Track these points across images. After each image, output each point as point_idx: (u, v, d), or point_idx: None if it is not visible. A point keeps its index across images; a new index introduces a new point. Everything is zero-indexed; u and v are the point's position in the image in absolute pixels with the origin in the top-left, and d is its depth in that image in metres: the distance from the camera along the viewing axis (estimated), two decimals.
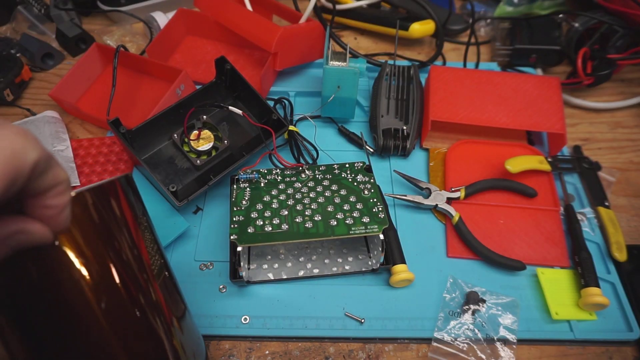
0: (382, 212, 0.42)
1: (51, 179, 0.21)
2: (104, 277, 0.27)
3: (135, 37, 0.69)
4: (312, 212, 0.42)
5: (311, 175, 0.46)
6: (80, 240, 0.25)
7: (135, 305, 0.28)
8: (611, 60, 0.59)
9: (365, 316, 0.42)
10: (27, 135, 0.19)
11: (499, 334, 0.41)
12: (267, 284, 0.44)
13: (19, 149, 0.18)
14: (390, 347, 0.41)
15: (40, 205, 0.21)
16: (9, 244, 0.21)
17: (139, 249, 0.29)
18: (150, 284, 0.30)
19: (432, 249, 0.47)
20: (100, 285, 0.26)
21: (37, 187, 0.20)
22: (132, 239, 0.29)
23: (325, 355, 0.41)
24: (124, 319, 0.28)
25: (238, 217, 0.42)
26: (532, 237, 0.47)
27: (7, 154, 0.18)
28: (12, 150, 0.18)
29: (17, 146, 0.18)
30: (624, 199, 0.52)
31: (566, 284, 0.44)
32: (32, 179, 0.19)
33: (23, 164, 0.18)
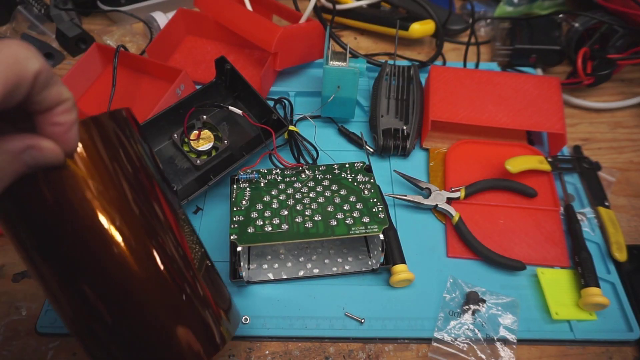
0: (382, 212, 0.42)
1: (55, 95, 0.22)
2: (116, 197, 0.27)
3: (135, 37, 0.69)
4: (312, 212, 0.42)
5: (311, 175, 0.46)
6: (90, 162, 0.26)
7: (146, 221, 0.28)
8: (611, 60, 0.59)
9: (365, 316, 0.42)
10: (30, 47, 0.20)
11: (499, 334, 0.41)
12: (267, 284, 0.44)
13: (22, 56, 0.20)
14: (390, 347, 0.41)
15: (48, 123, 0.23)
16: (24, 160, 0.23)
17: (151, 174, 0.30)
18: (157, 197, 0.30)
19: (432, 249, 0.47)
20: (112, 204, 0.27)
21: (42, 101, 0.21)
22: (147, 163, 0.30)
23: (325, 355, 0.41)
24: (135, 237, 0.28)
25: (238, 217, 0.42)
26: (532, 237, 0.47)
27: (10, 60, 0.19)
28: (15, 57, 0.19)
29: (20, 54, 0.20)
30: (624, 199, 0.52)
31: (566, 284, 0.44)
32: (36, 90, 0.21)
33: (25, 70, 0.20)
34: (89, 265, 0.27)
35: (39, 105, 0.22)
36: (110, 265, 0.27)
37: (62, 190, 0.25)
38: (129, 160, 0.28)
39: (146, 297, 0.28)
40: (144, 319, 0.28)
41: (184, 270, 0.30)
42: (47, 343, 0.41)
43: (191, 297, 0.30)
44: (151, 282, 0.28)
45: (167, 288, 0.29)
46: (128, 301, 0.28)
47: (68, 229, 0.26)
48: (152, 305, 0.28)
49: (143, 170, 0.29)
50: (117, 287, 0.27)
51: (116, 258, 0.27)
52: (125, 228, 0.27)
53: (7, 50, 0.19)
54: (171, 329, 0.29)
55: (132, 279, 0.28)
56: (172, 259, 0.29)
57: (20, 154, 0.22)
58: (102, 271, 0.27)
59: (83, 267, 0.27)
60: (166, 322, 0.29)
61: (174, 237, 0.30)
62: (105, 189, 0.27)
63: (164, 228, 0.30)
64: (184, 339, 0.29)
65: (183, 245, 0.31)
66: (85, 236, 0.26)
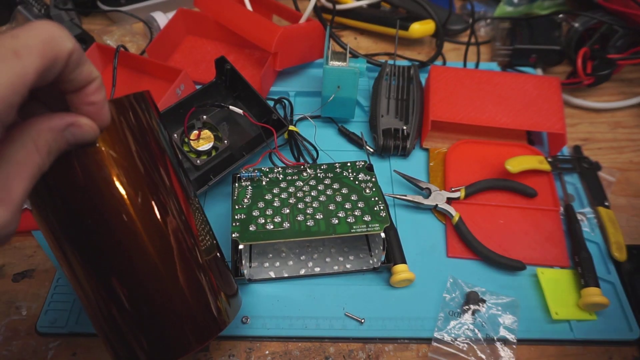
0: (383, 210, 0.42)
1: (87, 73, 0.23)
2: (137, 174, 0.29)
3: (135, 37, 0.69)
4: (313, 211, 0.43)
5: (312, 173, 0.47)
6: (116, 140, 0.28)
7: (163, 197, 0.30)
8: (611, 60, 0.59)
9: (365, 316, 0.42)
10: (63, 28, 0.21)
11: (499, 334, 0.41)
12: (267, 283, 0.44)
13: (57, 35, 0.21)
14: (390, 347, 0.41)
15: (83, 102, 0.24)
16: (66, 137, 0.24)
17: (169, 155, 0.32)
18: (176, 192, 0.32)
19: (432, 249, 0.47)
20: (135, 181, 0.29)
21: (75, 80, 0.23)
22: (164, 145, 0.31)
23: (325, 355, 0.41)
24: (151, 212, 0.29)
25: (240, 215, 0.42)
26: (532, 237, 0.47)
27: (47, 37, 0.20)
28: (52, 35, 0.21)
29: (55, 33, 0.21)
30: (624, 199, 0.52)
31: (566, 284, 0.44)
32: (69, 68, 0.22)
33: (61, 49, 0.21)
34: (108, 237, 0.28)
35: (71, 83, 0.23)
36: (125, 234, 0.29)
37: (91, 167, 0.27)
38: (150, 140, 0.30)
39: (153, 270, 0.30)
40: (150, 290, 0.30)
41: (192, 249, 0.32)
42: (47, 343, 0.41)
43: (196, 273, 0.32)
44: (160, 255, 0.30)
45: (174, 263, 0.31)
46: (138, 271, 0.29)
47: (93, 204, 0.28)
48: (157, 277, 0.30)
49: (160, 149, 0.31)
50: (128, 256, 0.29)
51: (129, 228, 0.29)
52: (145, 203, 0.29)
53: (43, 28, 0.20)
54: (176, 306, 0.31)
55: (144, 249, 0.29)
56: (183, 236, 0.31)
57: (63, 131, 0.24)
58: (119, 241, 0.29)
59: (103, 239, 0.28)
60: (172, 296, 0.30)
61: (185, 216, 0.32)
62: (129, 166, 0.28)
63: (178, 208, 0.31)
64: (188, 315, 0.31)
65: (191, 225, 0.32)
66: (108, 209, 0.28)
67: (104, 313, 0.30)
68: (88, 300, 0.31)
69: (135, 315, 0.30)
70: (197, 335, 0.32)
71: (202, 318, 0.32)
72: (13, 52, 0.19)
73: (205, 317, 0.32)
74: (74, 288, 0.31)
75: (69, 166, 0.26)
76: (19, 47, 0.19)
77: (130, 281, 0.30)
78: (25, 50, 0.19)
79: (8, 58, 0.19)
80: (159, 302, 0.30)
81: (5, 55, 0.19)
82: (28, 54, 0.20)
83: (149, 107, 0.31)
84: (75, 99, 0.24)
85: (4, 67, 0.19)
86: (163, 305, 0.30)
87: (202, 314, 0.32)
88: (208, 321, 0.32)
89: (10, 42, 0.19)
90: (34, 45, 0.20)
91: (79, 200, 0.27)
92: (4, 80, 0.19)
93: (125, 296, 0.30)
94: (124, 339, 0.31)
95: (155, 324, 0.30)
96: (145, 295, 0.30)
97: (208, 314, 0.32)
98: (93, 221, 0.28)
